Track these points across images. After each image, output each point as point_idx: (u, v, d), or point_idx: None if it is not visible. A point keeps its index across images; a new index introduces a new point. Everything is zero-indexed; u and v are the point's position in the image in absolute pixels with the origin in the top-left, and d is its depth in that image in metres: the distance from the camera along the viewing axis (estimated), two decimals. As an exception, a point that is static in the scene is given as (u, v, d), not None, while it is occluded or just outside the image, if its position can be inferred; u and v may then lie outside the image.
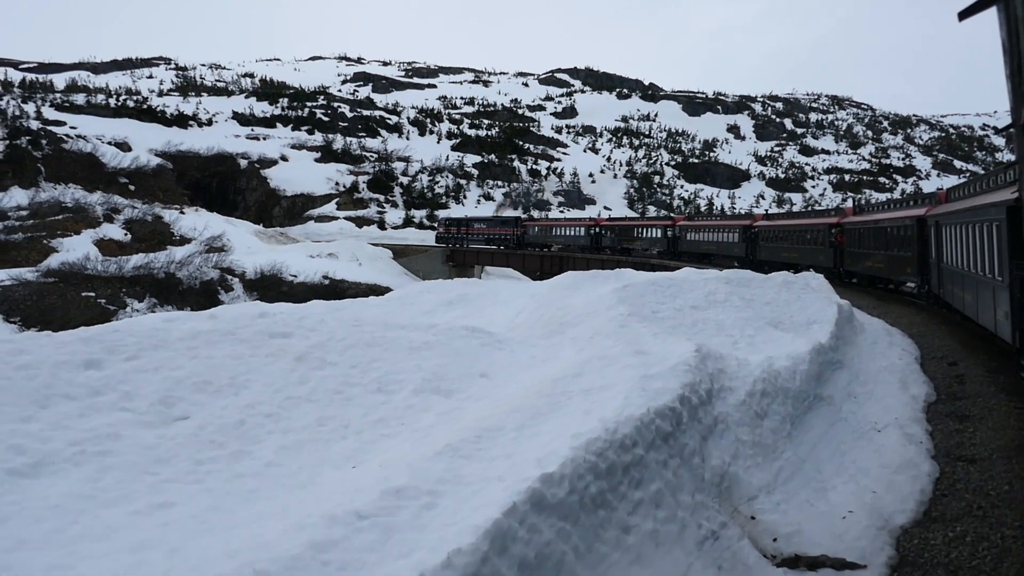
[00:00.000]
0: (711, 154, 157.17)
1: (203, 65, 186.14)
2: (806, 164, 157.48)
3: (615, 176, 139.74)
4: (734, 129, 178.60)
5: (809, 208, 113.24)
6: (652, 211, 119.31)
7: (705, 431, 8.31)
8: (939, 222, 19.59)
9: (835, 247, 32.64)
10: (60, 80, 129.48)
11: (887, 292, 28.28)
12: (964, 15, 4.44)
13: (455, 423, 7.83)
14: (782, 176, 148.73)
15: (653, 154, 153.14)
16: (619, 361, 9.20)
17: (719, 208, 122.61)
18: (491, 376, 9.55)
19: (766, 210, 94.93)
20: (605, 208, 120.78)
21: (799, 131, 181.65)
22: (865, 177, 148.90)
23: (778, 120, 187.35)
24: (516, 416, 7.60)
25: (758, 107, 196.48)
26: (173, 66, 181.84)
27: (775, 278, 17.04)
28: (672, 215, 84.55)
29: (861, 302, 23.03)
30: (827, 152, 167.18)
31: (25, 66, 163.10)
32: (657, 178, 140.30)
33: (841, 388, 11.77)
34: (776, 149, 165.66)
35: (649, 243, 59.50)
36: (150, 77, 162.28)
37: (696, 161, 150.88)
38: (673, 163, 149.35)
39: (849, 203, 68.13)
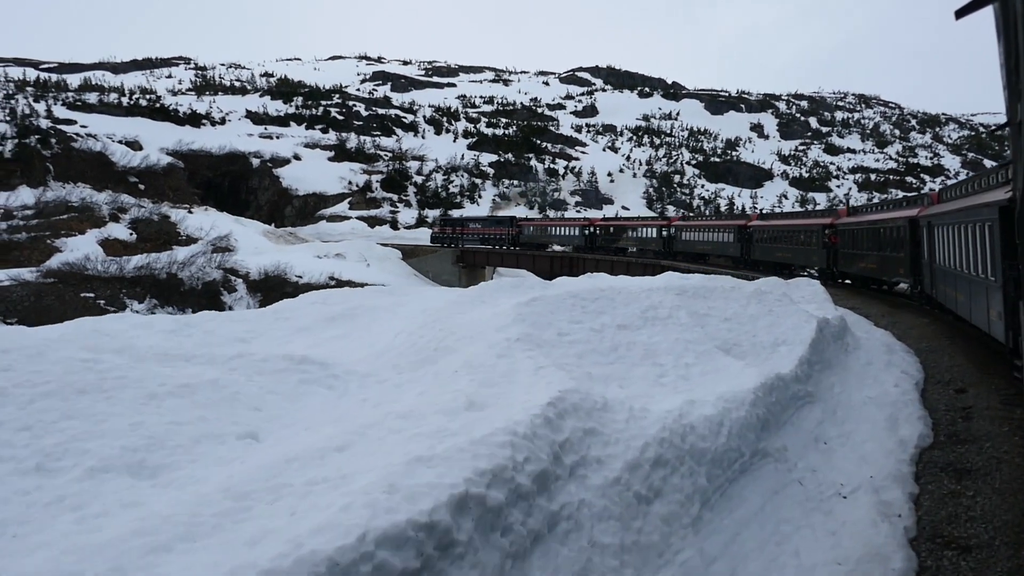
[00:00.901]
0: (733, 153, 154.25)
1: (223, 65, 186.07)
2: (831, 163, 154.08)
3: (634, 175, 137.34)
4: (757, 128, 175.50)
5: (832, 207, 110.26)
6: (671, 211, 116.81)
7: (521, 543, 5.57)
8: (931, 222, 19.47)
9: (828, 248, 32.53)
10: (78, 80, 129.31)
11: (900, 299, 26.00)
12: (961, 14, 4.49)
13: (92, 535, 5.14)
14: (806, 175, 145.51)
15: (674, 153, 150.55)
16: (427, 420, 6.85)
17: (739, 208, 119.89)
18: (261, 438, 7.21)
19: (770, 209, 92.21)
20: (623, 208, 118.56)
21: (824, 130, 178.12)
22: (892, 176, 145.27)
23: (803, 119, 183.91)
24: (166, 532, 5.01)
25: (782, 106, 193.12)
26: (192, 66, 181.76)
27: (745, 288, 14.92)
28: (668, 215, 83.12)
29: (870, 310, 20.93)
30: (853, 151, 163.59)
31: (46, 66, 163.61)
32: (677, 177, 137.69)
33: (805, 433, 9.63)
34: (800, 148, 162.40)
35: (644, 243, 59.43)
36: (169, 77, 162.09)
37: (718, 160, 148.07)
38: (694, 162, 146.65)
39: (875, 201, 65.58)
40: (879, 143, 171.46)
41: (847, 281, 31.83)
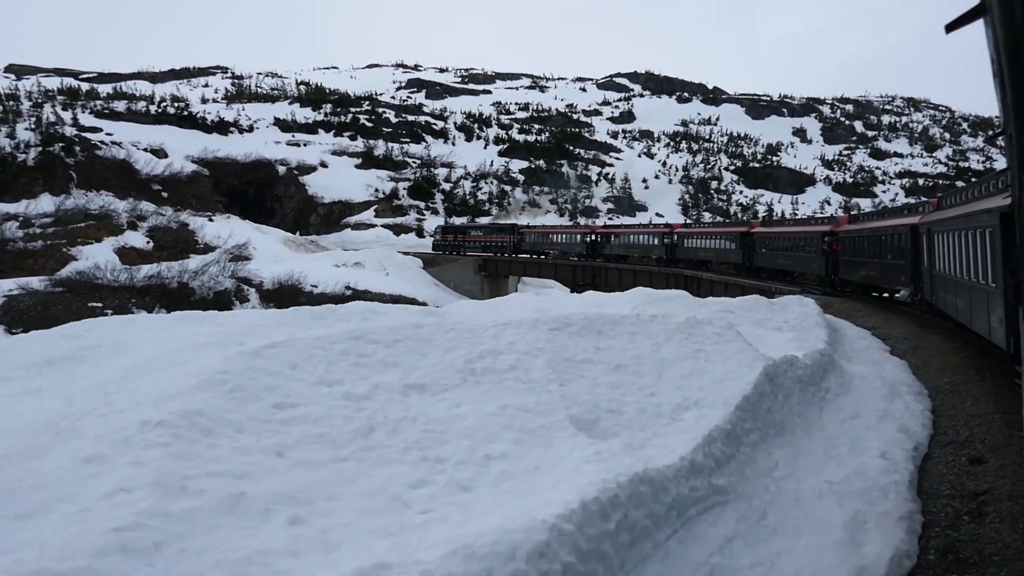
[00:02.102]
0: (774, 158, 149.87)
1: (259, 73, 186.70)
2: (876, 168, 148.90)
3: (670, 182, 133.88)
4: (800, 132, 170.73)
5: (867, 211, 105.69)
6: (707, 217, 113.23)
7: None
8: (931, 229, 19.44)
9: (828, 255, 32.42)
10: (112, 89, 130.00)
11: (928, 319, 22.83)
12: (951, 27, 4.57)
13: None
14: (850, 180, 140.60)
15: (712, 159, 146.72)
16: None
17: (779, 214, 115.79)
18: None
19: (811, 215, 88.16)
20: (657, 215, 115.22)
21: (870, 134, 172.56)
22: (941, 181, 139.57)
23: (847, 123, 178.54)
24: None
25: (826, 109, 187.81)
26: (229, 75, 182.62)
27: (672, 319, 12.01)
28: (670, 222, 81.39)
29: (891, 330, 17.92)
30: (900, 155, 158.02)
31: (85, 76, 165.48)
32: (715, 183, 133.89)
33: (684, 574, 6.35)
34: (845, 153, 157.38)
35: (646, 250, 59.02)
36: (206, 86, 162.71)
37: (757, 166, 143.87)
38: (732, 168, 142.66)
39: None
40: (928, 147, 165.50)
41: (847, 289, 31.40)
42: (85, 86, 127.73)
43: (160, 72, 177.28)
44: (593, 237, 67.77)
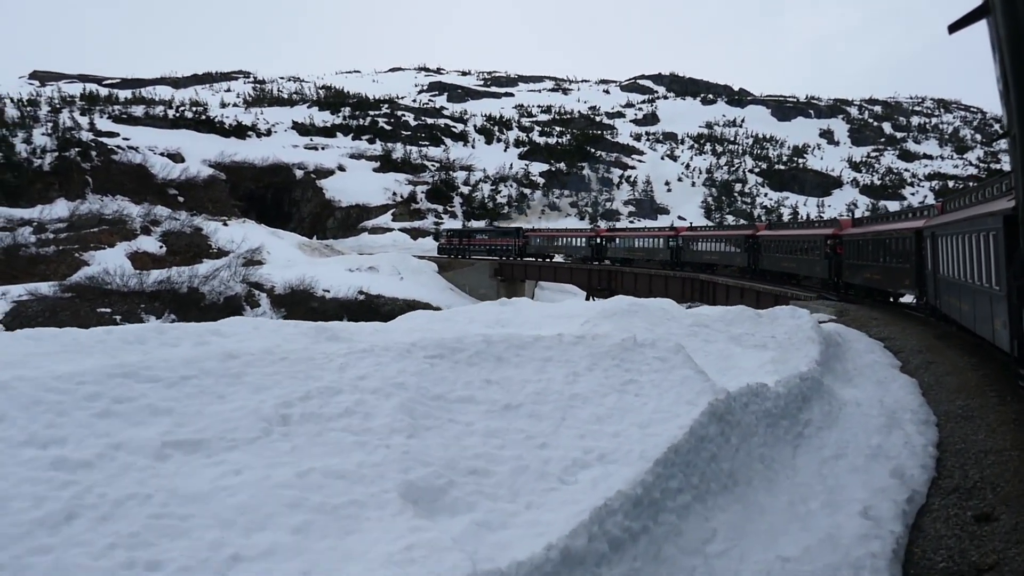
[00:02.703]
0: (800, 160, 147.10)
1: (282, 78, 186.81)
2: (905, 170, 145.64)
3: (693, 184, 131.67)
4: (827, 134, 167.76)
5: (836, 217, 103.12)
6: (730, 220, 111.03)
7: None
8: (935, 233, 19.43)
9: (831, 258, 32.36)
10: (132, 94, 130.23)
11: (948, 328, 21.05)
12: (954, 28, 4.57)
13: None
14: (878, 183, 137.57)
15: (736, 161, 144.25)
16: None
17: (804, 217, 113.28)
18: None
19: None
20: (679, 218, 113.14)
21: (899, 135, 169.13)
22: (972, 183, 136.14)
23: (876, 124, 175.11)
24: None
25: (854, 111, 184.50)
26: (251, 79, 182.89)
27: (606, 340, 9.95)
28: (675, 226, 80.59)
29: (907, 342, 16.18)
30: (929, 157, 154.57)
31: (109, 81, 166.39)
32: (739, 186, 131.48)
33: None
34: (873, 155, 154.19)
35: (651, 253, 59.07)
36: (228, 91, 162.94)
37: (783, 168, 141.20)
38: (757, 170, 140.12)
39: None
40: (959, 148, 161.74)
41: (851, 292, 31.20)
42: (104, 91, 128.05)
43: (183, 77, 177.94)
44: (598, 240, 67.77)
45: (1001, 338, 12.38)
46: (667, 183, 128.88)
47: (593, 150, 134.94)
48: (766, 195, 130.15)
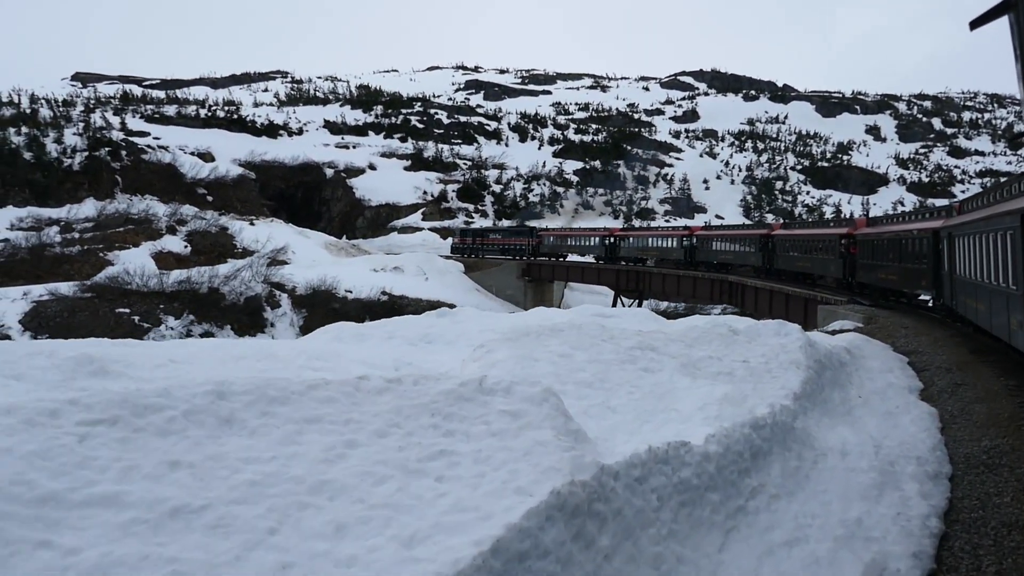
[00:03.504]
0: (844, 157, 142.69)
1: (319, 78, 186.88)
2: (955, 167, 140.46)
3: (732, 182, 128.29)
4: (874, 130, 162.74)
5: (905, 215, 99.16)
6: (770, 219, 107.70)
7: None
8: (952, 233, 19.44)
9: (845, 258, 31.96)
10: (163, 94, 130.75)
11: (986, 341, 18.76)
12: (975, 24, 4.68)
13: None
14: (926, 180, 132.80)
15: (778, 158, 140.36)
16: None
17: (848, 215, 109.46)
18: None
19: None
20: (717, 216, 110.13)
21: (949, 131, 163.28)
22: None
23: (925, 120, 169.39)
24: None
25: (902, 106, 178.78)
26: (289, 79, 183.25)
27: (437, 384, 7.24)
28: (689, 225, 78.77)
29: (935, 357, 13.81)
30: (981, 153, 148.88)
31: (149, 82, 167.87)
32: (780, 184, 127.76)
33: None
34: (921, 151, 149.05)
35: (665, 253, 58.62)
36: (265, 90, 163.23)
37: (826, 165, 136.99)
38: (800, 167, 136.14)
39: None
40: (1013, 144, 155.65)
41: (865, 292, 30.66)
42: (138, 91, 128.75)
43: (221, 78, 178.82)
44: (612, 240, 67.39)
45: (1017, 339, 12.24)
46: (705, 181, 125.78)
47: (629, 148, 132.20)
48: (808, 193, 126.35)
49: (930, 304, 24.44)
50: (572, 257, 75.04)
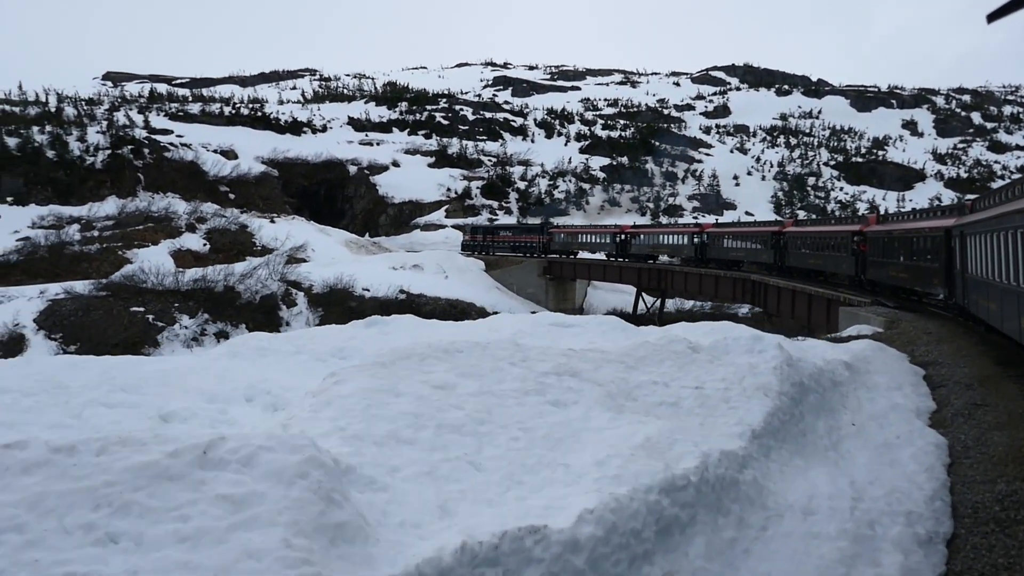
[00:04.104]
0: (880, 153, 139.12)
1: (347, 75, 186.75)
2: (995, 162, 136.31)
3: (763, 178, 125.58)
4: (910, 125, 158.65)
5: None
6: (802, 215, 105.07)
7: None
8: (963, 232, 19.46)
9: (856, 255, 31.71)
10: (189, 93, 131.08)
11: (1016, 347, 17.19)
12: (992, 17, 4.55)
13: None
14: (964, 176, 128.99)
15: (810, 153, 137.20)
16: None
17: (884, 211, 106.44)
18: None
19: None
20: (747, 213, 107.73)
21: (989, 126, 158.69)
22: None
23: (963, 114, 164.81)
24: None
25: (940, 100, 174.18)
26: (317, 77, 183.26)
27: (135, 454, 5.17)
28: (700, 222, 76.96)
29: (956, 369, 12.16)
30: (1022, 148, 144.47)
31: (178, 81, 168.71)
32: (812, 180, 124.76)
33: None
34: (960, 146, 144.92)
35: (676, 250, 58.49)
36: (293, 88, 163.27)
37: (860, 160, 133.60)
38: (833, 163, 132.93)
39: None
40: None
41: (876, 289, 30.60)
42: (163, 89, 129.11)
43: (249, 76, 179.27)
44: (623, 237, 66.62)
45: None
46: (736, 177, 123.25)
47: (658, 144, 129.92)
48: (841, 189, 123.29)
49: (940, 298, 24.12)
50: (582, 254, 73.88)
